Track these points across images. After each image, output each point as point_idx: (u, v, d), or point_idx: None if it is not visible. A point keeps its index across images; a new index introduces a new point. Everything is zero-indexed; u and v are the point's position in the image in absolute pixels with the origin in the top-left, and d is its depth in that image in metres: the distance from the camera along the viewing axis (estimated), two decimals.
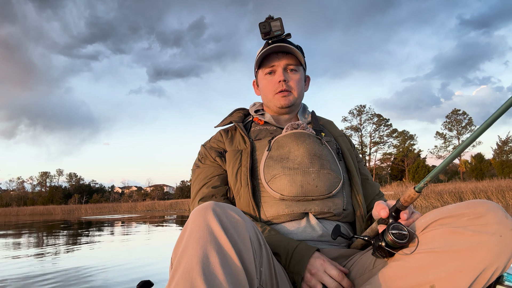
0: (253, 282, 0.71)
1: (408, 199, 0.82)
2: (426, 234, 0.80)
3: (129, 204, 31.65)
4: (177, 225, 8.95)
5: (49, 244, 5.71)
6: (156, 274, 3.01)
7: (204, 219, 0.70)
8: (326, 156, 1.11)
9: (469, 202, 0.79)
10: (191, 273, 0.64)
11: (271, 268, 0.83)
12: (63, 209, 31.85)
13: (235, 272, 0.67)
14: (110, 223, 11.14)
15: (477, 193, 11.80)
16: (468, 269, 0.73)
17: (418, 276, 0.77)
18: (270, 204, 1.07)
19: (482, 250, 0.72)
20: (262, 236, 0.83)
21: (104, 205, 35.07)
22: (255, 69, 1.30)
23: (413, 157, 42.41)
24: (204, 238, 0.68)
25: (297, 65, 1.23)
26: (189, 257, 0.66)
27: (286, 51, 1.20)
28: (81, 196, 61.50)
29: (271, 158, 1.10)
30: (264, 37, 1.20)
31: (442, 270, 0.75)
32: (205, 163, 1.23)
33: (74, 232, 8.14)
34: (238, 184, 1.12)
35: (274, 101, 1.24)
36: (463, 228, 0.75)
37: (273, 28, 1.19)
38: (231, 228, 0.71)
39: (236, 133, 1.27)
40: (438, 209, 0.83)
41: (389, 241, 0.81)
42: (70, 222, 13.34)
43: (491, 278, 0.73)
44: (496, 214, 0.75)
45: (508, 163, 36.61)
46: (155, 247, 5.01)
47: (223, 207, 0.74)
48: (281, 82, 1.21)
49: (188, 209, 22.63)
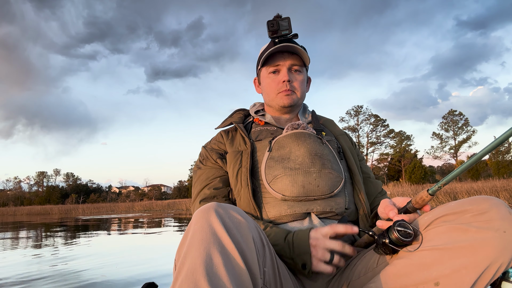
0: (257, 283, 0.70)
1: (420, 201, 0.82)
2: (429, 231, 0.80)
3: (126, 204, 31.54)
4: (177, 226, 8.96)
5: (48, 245, 5.65)
6: (159, 275, 3.00)
7: (206, 220, 0.70)
8: (327, 156, 1.11)
9: (472, 199, 0.78)
10: (195, 274, 0.63)
11: (274, 268, 0.83)
12: (60, 209, 31.65)
13: (238, 272, 0.67)
14: (109, 223, 11.12)
15: (471, 193, 11.93)
16: (473, 265, 0.72)
17: (422, 274, 0.77)
18: (272, 205, 1.07)
19: (486, 246, 0.72)
20: (265, 236, 0.84)
21: (102, 205, 34.86)
22: (258, 67, 1.29)
23: (410, 158, 42.61)
24: (207, 239, 0.68)
25: (302, 66, 1.23)
26: (192, 258, 0.66)
27: (292, 51, 1.20)
28: (78, 196, 61.41)
29: (272, 159, 1.10)
30: (271, 35, 1.19)
31: (446, 267, 0.75)
32: (206, 164, 1.23)
33: (73, 232, 8.11)
34: (239, 185, 1.12)
35: (277, 100, 1.23)
36: (467, 225, 0.75)
37: (281, 27, 1.18)
38: (234, 229, 0.71)
39: (237, 134, 1.26)
40: (441, 205, 0.83)
41: (393, 238, 0.81)
42: (69, 222, 13.26)
43: (495, 274, 0.73)
44: (500, 210, 0.75)
45: (504, 164, 36.92)
46: (157, 248, 5.01)
47: (226, 207, 0.75)
48: (285, 82, 1.21)
49: (185, 209, 22.56)
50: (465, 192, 12.25)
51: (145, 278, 2.95)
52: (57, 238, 6.76)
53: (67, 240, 6.20)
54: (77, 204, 42.54)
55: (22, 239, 7.11)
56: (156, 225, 9.28)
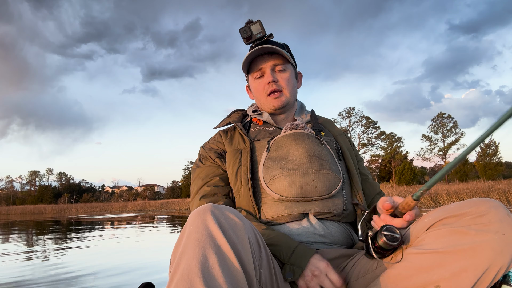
0: (252, 284, 0.71)
1: (406, 206, 0.84)
2: (429, 234, 0.80)
3: (119, 204, 31.48)
4: (172, 226, 8.89)
5: (44, 245, 5.62)
6: (156, 276, 2.98)
7: (202, 220, 0.71)
8: (325, 156, 1.10)
9: (471, 201, 0.78)
10: (190, 275, 0.64)
11: (271, 269, 0.83)
12: (54, 208, 31.23)
13: (234, 273, 0.67)
14: (105, 223, 11.05)
15: (451, 195, 12.41)
16: (472, 268, 0.72)
17: (422, 277, 0.77)
18: (270, 205, 1.06)
19: (486, 249, 0.72)
20: (262, 237, 0.83)
21: (95, 204, 34.72)
22: (246, 75, 1.31)
23: (400, 159, 43.40)
24: (203, 240, 0.68)
25: (285, 63, 1.22)
26: (188, 259, 0.66)
27: (271, 51, 1.20)
28: (71, 195, 61.16)
29: (270, 159, 1.10)
30: (247, 42, 1.20)
31: (446, 270, 0.74)
32: (205, 163, 1.22)
33: (69, 233, 8.01)
34: (238, 183, 1.12)
35: (267, 104, 1.24)
36: (466, 228, 0.75)
37: (254, 31, 1.19)
38: (230, 230, 0.71)
39: (235, 133, 1.26)
40: (440, 208, 0.83)
41: (381, 243, 0.81)
42: (64, 221, 13.15)
43: (495, 277, 0.73)
44: (498, 212, 0.74)
45: (491, 166, 37.81)
46: (152, 248, 4.96)
47: (222, 209, 0.75)
48: (271, 83, 1.21)
49: (179, 209, 22.68)
50: (445, 193, 12.79)
51: (142, 278, 2.93)
52: (53, 239, 6.67)
53: (64, 241, 6.12)
54: (71, 204, 42.35)
55: (16, 239, 7.04)
56: (151, 225, 9.29)
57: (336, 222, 1.08)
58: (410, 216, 0.85)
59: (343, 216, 1.08)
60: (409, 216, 0.85)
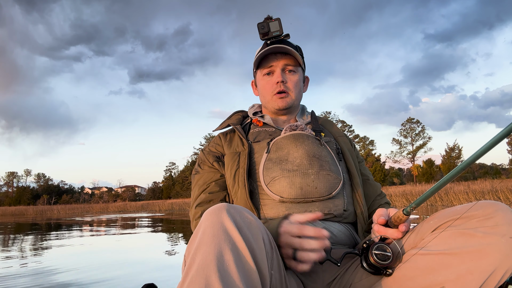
0: (265, 283, 0.69)
1: (397, 219, 0.84)
2: (435, 235, 0.79)
3: (100, 205, 31.39)
4: (160, 227, 8.80)
5: (40, 247, 5.43)
6: (157, 277, 2.96)
7: (218, 217, 0.70)
8: (325, 157, 1.10)
9: (478, 203, 0.78)
10: (206, 270, 0.63)
11: (281, 272, 0.81)
12: (34, 210, 29.67)
13: (249, 272, 0.66)
14: (91, 225, 10.78)
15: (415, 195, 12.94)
16: (478, 270, 0.72)
17: (428, 278, 0.77)
18: (270, 207, 1.06)
19: (492, 251, 0.72)
20: (273, 240, 0.81)
21: (75, 206, 34.24)
22: (254, 70, 1.30)
23: (372, 161, 45.78)
24: (219, 236, 0.67)
25: (296, 66, 1.23)
26: (203, 254, 0.65)
27: (285, 51, 1.20)
28: (50, 197, 60.72)
29: (270, 160, 1.09)
30: (263, 38, 1.20)
31: (452, 272, 0.74)
32: (204, 168, 1.23)
33: (62, 234, 7.81)
34: (236, 185, 1.11)
35: (272, 103, 1.24)
36: (473, 230, 0.75)
37: (271, 28, 1.19)
38: (245, 228, 0.70)
39: (235, 135, 1.26)
40: (446, 209, 0.83)
41: (371, 261, 0.82)
42: (50, 223, 12.60)
43: (501, 280, 0.72)
44: (505, 215, 0.74)
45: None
46: (147, 249, 4.91)
47: (237, 207, 0.74)
48: (279, 83, 1.21)
49: (158, 210, 22.62)
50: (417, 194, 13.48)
51: (143, 279, 2.91)
52: (47, 241, 6.46)
53: (58, 243, 5.95)
54: (51, 205, 41.93)
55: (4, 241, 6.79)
56: (139, 226, 9.21)
57: (337, 223, 1.07)
58: (406, 227, 0.86)
59: (344, 217, 1.08)
60: (404, 227, 0.86)
